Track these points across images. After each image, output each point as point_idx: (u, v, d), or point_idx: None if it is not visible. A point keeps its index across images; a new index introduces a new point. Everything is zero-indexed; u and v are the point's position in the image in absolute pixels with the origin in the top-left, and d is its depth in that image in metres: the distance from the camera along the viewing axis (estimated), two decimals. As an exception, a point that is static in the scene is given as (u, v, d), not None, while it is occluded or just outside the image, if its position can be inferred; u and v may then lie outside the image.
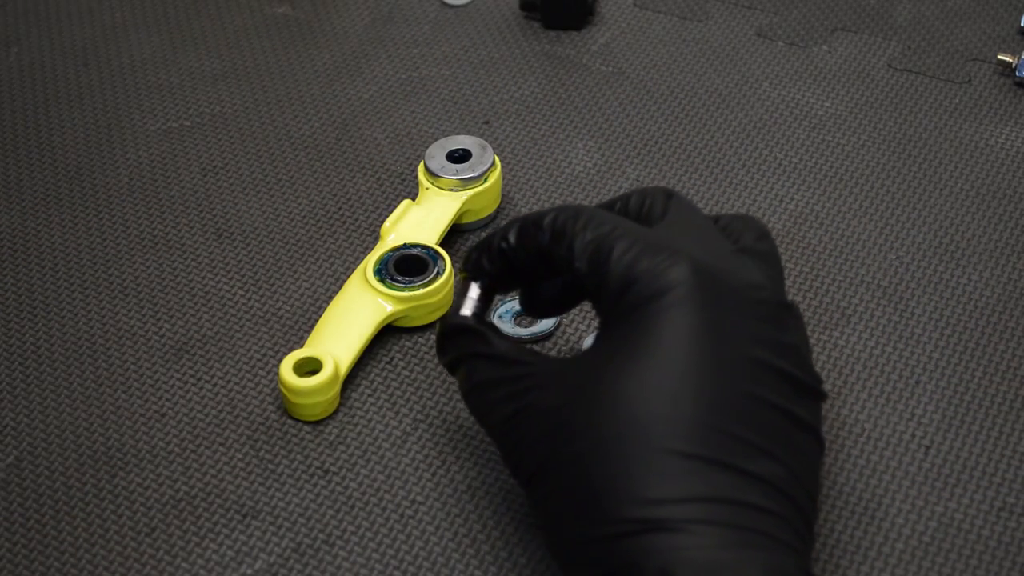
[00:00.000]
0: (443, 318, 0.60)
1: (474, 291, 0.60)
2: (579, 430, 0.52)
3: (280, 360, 0.65)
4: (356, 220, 0.74)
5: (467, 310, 0.59)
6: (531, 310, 0.62)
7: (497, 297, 0.65)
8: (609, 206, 0.59)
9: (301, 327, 0.68)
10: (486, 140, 0.76)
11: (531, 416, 0.54)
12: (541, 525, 0.55)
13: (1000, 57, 0.80)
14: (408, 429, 0.64)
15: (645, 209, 0.58)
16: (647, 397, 0.51)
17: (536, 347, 0.67)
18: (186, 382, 0.66)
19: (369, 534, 0.60)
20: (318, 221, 0.74)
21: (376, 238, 0.72)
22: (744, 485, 0.50)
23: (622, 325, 0.53)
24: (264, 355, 0.67)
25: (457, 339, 0.59)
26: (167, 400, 0.65)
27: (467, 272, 0.60)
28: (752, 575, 0.48)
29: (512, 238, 0.58)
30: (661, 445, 0.50)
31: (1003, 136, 0.77)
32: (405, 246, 0.68)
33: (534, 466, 0.54)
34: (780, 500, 0.51)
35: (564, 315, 0.68)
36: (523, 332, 0.67)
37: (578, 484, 0.51)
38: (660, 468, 0.50)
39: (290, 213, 0.74)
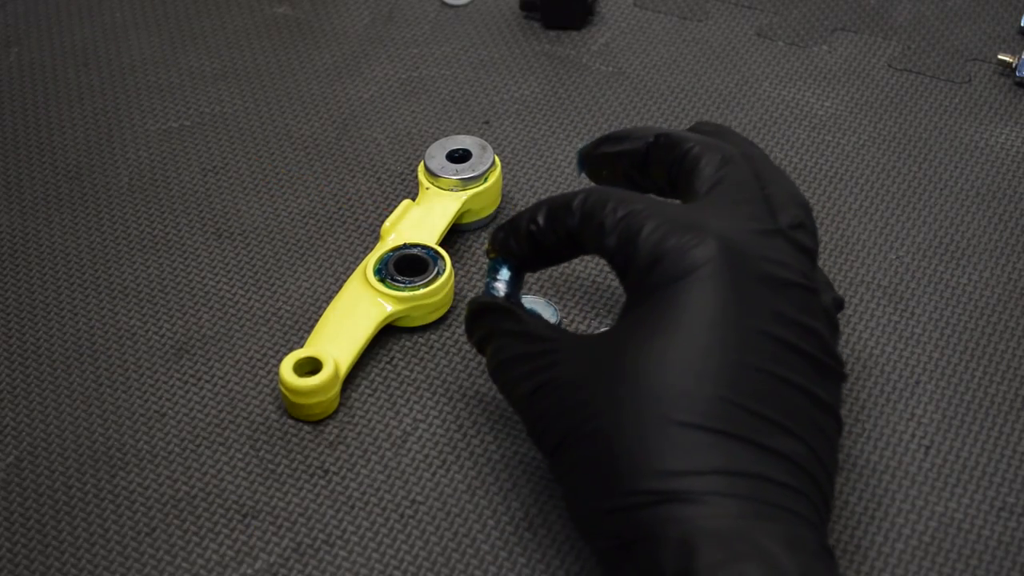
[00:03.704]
0: (473, 298, 0.61)
1: (504, 271, 0.60)
2: (600, 405, 0.52)
3: (280, 360, 0.65)
4: (356, 220, 0.74)
5: (499, 289, 0.60)
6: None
7: None
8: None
9: (301, 327, 0.68)
10: (486, 140, 0.76)
11: (554, 390, 0.55)
12: (564, 496, 0.55)
13: (1000, 57, 0.80)
14: (408, 429, 0.64)
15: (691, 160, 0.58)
16: (668, 373, 0.51)
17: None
18: (186, 382, 0.66)
19: (369, 534, 0.60)
20: (318, 221, 0.74)
21: (376, 238, 0.72)
22: (763, 460, 0.51)
23: (647, 302, 0.54)
24: (264, 355, 0.67)
25: (486, 317, 0.59)
26: (167, 400, 0.65)
27: (495, 252, 0.61)
28: (769, 544, 0.49)
29: (541, 220, 0.59)
30: (680, 419, 0.51)
31: (1003, 136, 0.77)
32: (405, 246, 0.68)
33: (556, 439, 0.54)
34: (799, 475, 0.51)
35: (564, 315, 0.68)
36: None
37: (598, 457, 0.52)
38: (679, 441, 0.50)
39: (290, 213, 0.74)
